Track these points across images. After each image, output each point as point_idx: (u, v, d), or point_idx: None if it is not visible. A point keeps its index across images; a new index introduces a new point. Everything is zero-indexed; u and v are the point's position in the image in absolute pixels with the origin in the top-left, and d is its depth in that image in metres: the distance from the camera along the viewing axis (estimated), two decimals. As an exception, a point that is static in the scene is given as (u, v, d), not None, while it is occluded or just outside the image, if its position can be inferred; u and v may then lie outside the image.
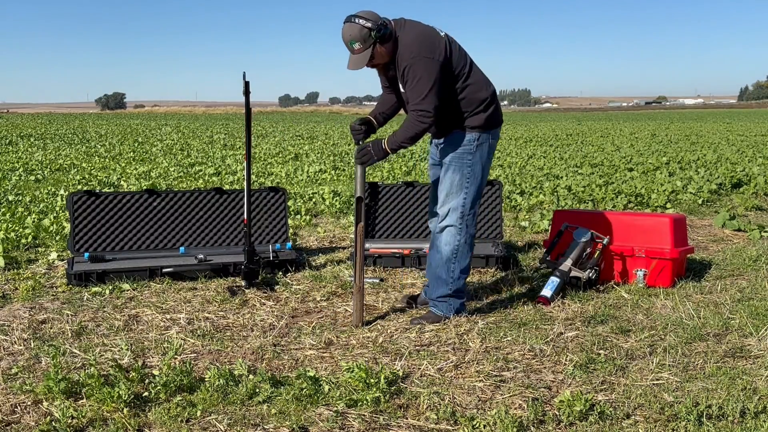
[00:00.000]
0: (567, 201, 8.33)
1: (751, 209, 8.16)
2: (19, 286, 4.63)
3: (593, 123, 43.90)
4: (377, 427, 2.69)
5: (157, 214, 5.30)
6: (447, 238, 3.87)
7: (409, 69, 3.56)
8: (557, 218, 5.09)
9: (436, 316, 3.93)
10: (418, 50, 3.56)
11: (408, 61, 3.56)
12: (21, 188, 9.79)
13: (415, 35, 3.62)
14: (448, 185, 3.83)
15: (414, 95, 3.59)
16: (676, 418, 2.71)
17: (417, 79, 3.55)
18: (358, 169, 3.83)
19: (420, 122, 3.61)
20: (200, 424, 2.67)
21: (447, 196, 3.85)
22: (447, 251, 3.87)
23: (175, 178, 10.97)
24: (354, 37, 3.55)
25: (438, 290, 3.93)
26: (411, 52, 3.57)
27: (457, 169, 3.81)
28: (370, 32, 3.54)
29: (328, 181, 10.83)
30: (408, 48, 3.58)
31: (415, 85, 3.56)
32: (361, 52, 3.58)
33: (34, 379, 3.07)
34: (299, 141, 22.21)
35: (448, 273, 3.89)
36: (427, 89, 3.55)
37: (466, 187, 3.81)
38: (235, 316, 4.07)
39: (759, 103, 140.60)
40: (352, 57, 3.62)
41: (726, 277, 4.93)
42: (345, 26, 3.60)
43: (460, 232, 3.85)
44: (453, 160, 3.81)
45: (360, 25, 3.54)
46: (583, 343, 3.55)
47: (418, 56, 3.55)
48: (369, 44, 3.57)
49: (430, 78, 3.55)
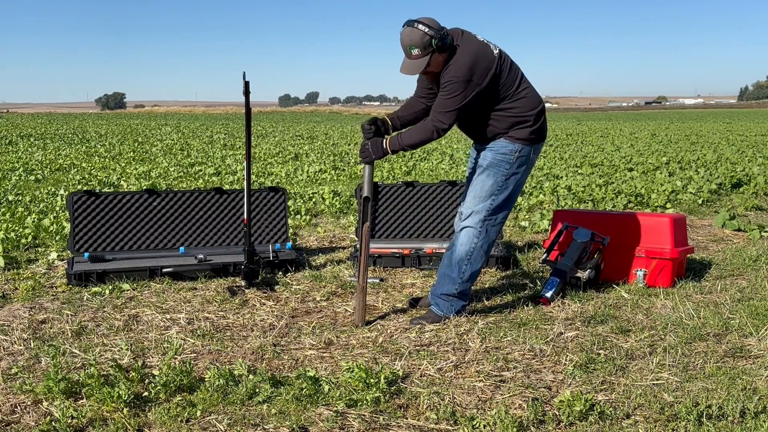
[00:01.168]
0: (567, 201, 8.33)
1: (751, 209, 8.16)
2: (19, 286, 4.63)
3: (593, 123, 43.91)
4: (377, 427, 2.69)
5: (157, 214, 5.30)
6: (464, 239, 3.91)
7: (449, 84, 3.62)
8: (557, 218, 5.09)
9: (436, 315, 3.93)
10: (466, 72, 3.61)
11: (453, 77, 3.61)
12: (21, 188, 9.80)
13: (470, 53, 3.64)
14: (479, 188, 3.88)
15: (440, 106, 3.67)
16: (676, 418, 2.71)
17: (452, 95, 3.63)
18: (366, 168, 3.85)
19: (433, 129, 3.69)
20: (200, 424, 2.67)
21: (474, 198, 3.89)
22: (462, 251, 3.91)
23: (175, 178, 10.98)
24: (414, 42, 3.57)
25: (444, 287, 3.95)
26: (459, 69, 3.61)
27: (491, 175, 3.85)
28: (432, 40, 3.57)
29: (328, 181, 10.83)
30: (459, 64, 3.62)
31: (447, 99, 3.64)
32: (419, 58, 3.60)
33: (34, 379, 3.07)
34: (299, 141, 22.21)
35: (459, 273, 3.91)
36: (454, 107, 3.64)
37: (495, 194, 3.86)
38: (235, 316, 4.07)
39: (759, 103, 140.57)
40: (408, 61, 3.63)
41: (726, 277, 4.93)
42: (405, 30, 3.62)
43: (478, 236, 3.88)
44: (491, 165, 3.86)
45: (422, 32, 3.56)
46: (583, 343, 3.55)
47: (464, 77, 3.60)
48: (428, 52, 3.59)
49: (463, 99, 3.64)
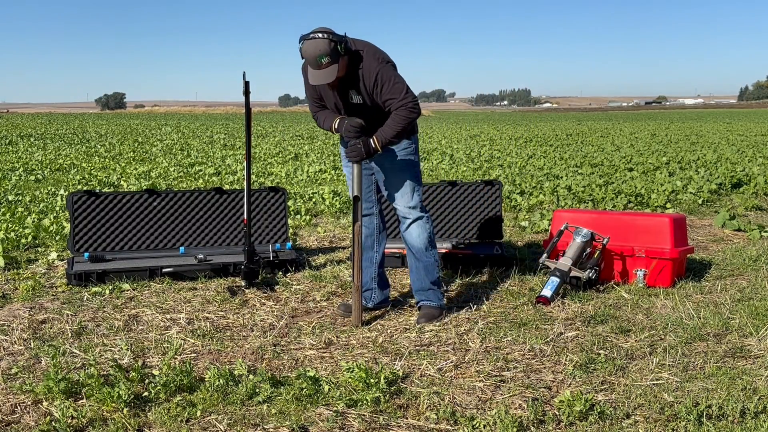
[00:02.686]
0: (567, 201, 8.34)
1: (751, 209, 8.16)
2: (19, 286, 4.63)
3: (593, 123, 43.90)
4: (377, 427, 2.69)
5: (157, 214, 5.30)
6: (418, 230, 4.04)
7: (380, 74, 3.73)
8: (557, 218, 5.09)
9: (433, 309, 4.01)
10: (382, 57, 3.80)
11: (378, 67, 3.73)
12: (21, 188, 9.80)
13: (370, 46, 3.83)
14: (402, 186, 4.00)
15: (395, 92, 3.75)
16: (676, 418, 2.71)
17: (392, 79, 3.75)
18: (355, 168, 3.87)
19: (411, 113, 3.78)
20: (200, 424, 2.67)
21: (403, 197, 4.01)
22: (423, 240, 4.05)
23: (175, 178, 10.98)
24: (323, 51, 3.61)
25: (429, 277, 4.05)
26: (377, 60, 3.76)
27: (405, 170, 3.99)
28: (338, 45, 3.63)
29: (328, 181, 10.83)
30: (372, 57, 3.76)
31: (393, 85, 3.75)
32: (329, 65, 3.65)
33: (34, 379, 3.07)
34: (299, 141, 22.21)
35: (434, 258, 4.08)
36: (404, 85, 3.77)
37: (415, 183, 4.03)
38: (235, 316, 4.07)
39: (759, 103, 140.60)
40: (319, 72, 3.66)
41: (726, 277, 4.93)
42: (308, 42, 3.63)
43: (428, 221, 4.05)
44: (403, 165, 3.98)
45: (327, 40, 3.62)
46: (583, 343, 3.55)
47: (383, 62, 3.77)
48: (337, 57, 3.64)
49: (400, 77, 3.79)
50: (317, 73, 3.67)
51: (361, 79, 3.74)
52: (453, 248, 5.32)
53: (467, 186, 5.69)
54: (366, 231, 4.12)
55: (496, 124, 42.15)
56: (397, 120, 3.77)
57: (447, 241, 5.47)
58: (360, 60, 3.73)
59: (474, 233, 5.63)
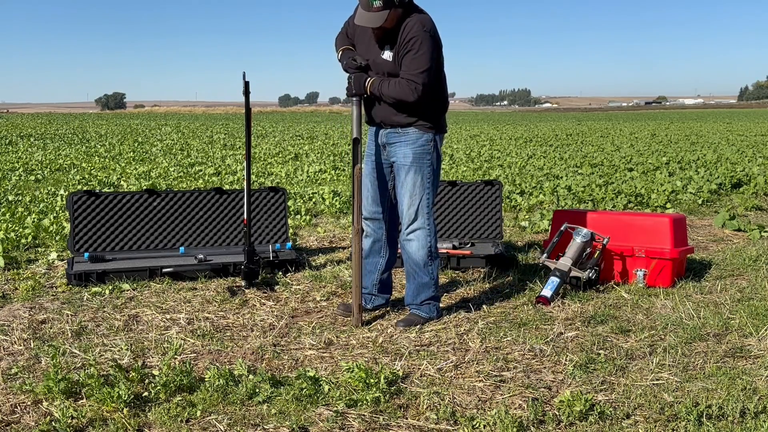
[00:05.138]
0: (567, 201, 8.34)
1: (751, 209, 8.16)
2: (19, 286, 4.63)
3: (593, 123, 43.90)
4: (377, 427, 2.69)
5: (157, 214, 5.30)
6: (418, 243, 3.86)
7: (416, 40, 3.61)
8: (557, 218, 5.09)
9: (419, 318, 3.90)
10: (431, 27, 3.66)
11: (419, 33, 3.61)
12: (21, 188, 9.79)
13: (427, 16, 3.71)
14: (411, 188, 3.82)
15: (413, 65, 3.63)
16: (676, 418, 2.71)
17: (421, 52, 3.62)
18: (354, 109, 3.80)
19: (409, 91, 3.64)
20: (200, 424, 2.67)
21: (410, 199, 3.83)
22: (423, 254, 3.86)
23: (175, 178, 10.97)
24: None
25: (422, 295, 3.91)
26: (424, 26, 3.64)
27: (418, 170, 3.81)
28: None
29: (328, 181, 10.83)
30: (421, 21, 3.64)
31: (418, 57, 3.61)
32: (380, 11, 3.57)
33: (34, 379, 3.07)
34: (299, 141, 22.21)
35: (430, 275, 3.91)
36: (426, 66, 3.63)
37: (428, 187, 3.84)
38: (235, 316, 4.07)
39: (759, 103, 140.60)
40: (367, 14, 3.59)
41: (726, 277, 4.93)
42: None
43: (429, 233, 3.85)
44: (414, 161, 3.81)
45: None
46: (583, 343, 3.55)
47: (428, 32, 3.64)
48: (389, 5, 3.58)
49: (432, 57, 3.65)
50: (365, 14, 3.60)
51: (400, 34, 3.64)
52: (453, 248, 5.33)
53: (467, 186, 5.69)
54: (374, 236, 3.99)
55: (496, 124, 42.16)
56: (395, 86, 3.66)
57: (447, 241, 5.47)
58: (408, 18, 3.64)
59: (474, 233, 5.63)
